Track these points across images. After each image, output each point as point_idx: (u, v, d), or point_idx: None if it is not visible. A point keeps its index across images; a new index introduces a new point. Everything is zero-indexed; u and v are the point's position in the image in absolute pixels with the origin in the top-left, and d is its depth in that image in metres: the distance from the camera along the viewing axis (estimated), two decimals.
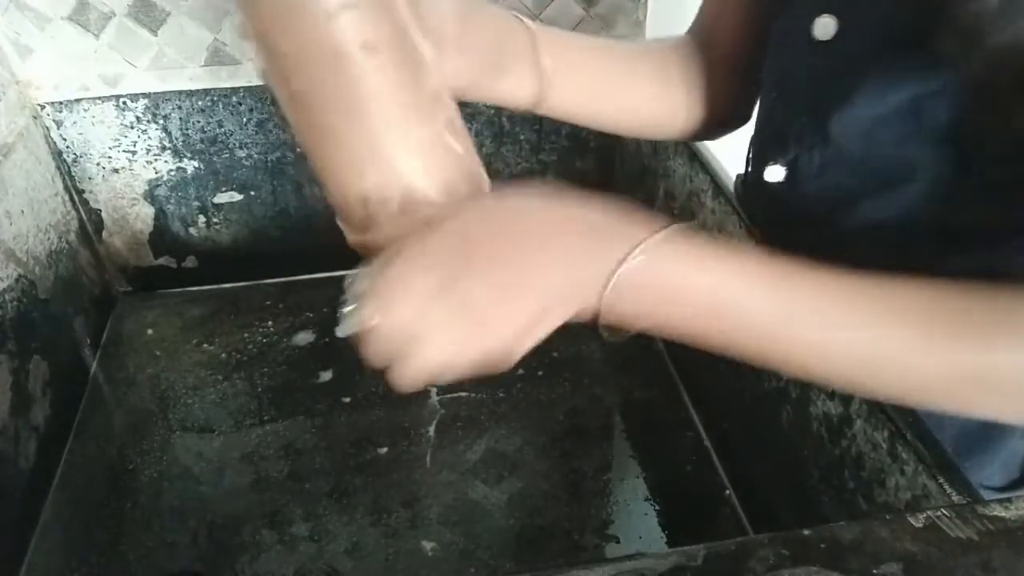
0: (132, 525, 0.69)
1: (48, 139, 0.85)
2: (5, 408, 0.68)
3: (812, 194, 0.53)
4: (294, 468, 0.74)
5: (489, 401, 0.80)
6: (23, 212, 0.77)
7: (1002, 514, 0.37)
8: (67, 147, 0.86)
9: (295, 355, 0.87)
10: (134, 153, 0.88)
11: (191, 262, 0.97)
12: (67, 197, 0.88)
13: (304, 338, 0.89)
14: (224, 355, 0.87)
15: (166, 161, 0.89)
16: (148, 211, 0.93)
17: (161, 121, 0.87)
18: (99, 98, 0.84)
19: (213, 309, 0.94)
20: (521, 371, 0.84)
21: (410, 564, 0.66)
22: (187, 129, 0.88)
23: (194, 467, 0.74)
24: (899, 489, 0.48)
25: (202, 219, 0.94)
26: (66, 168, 0.87)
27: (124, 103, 0.85)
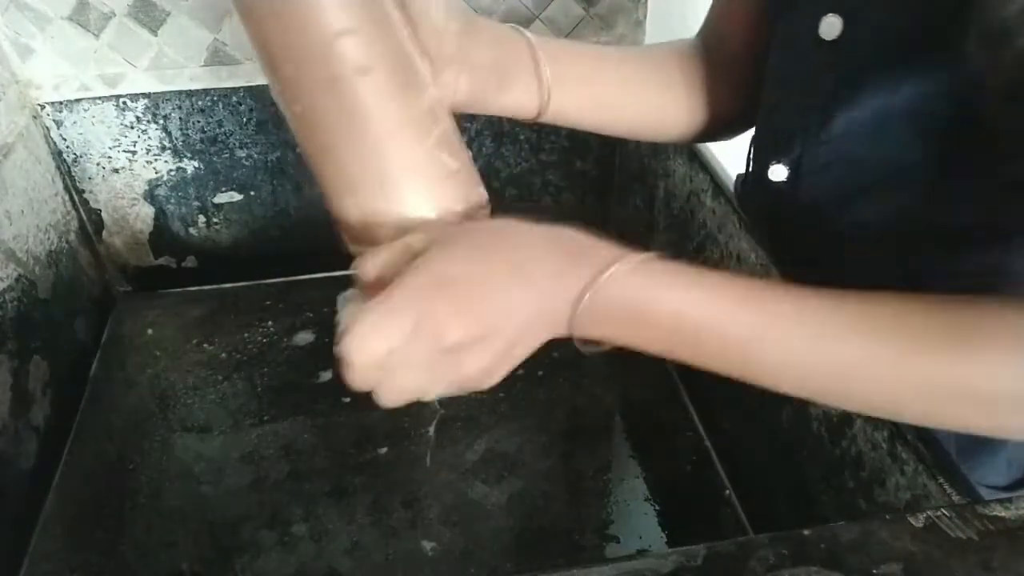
0: (132, 525, 0.69)
1: (48, 139, 0.85)
2: (5, 408, 0.68)
3: (815, 193, 0.53)
4: (294, 468, 0.74)
5: (489, 401, 0.80)
6: (23, 212, 0.77)
7: (1002, 514, 0.37)
8: (67, 147, 0.86)
9: (295, 355, 0.87)
10: (134, 153, 0.88)
11: (191, 262, 0.97)
12: (67, 197, 0.88)
13: (304, 338, 0.89)
14: (224, 355, 0.87)
15: (166, 161, 0.89)
16: (148, 211, 0.93)
17: (161, 121, 0.87)
18: (99, 98, 0.84)
19: (213, 309, 0.94)
20: (521, 371, 0.83)
21: (410, 564, 0.66)
22: (187, 129, 0.88)
23: (194, 467, 0.74)
24: (899, 489, 0.48)
25: (202, 219, 0.94)
26: (66, 168, 0.87)
27: (124, 103, 0.85)
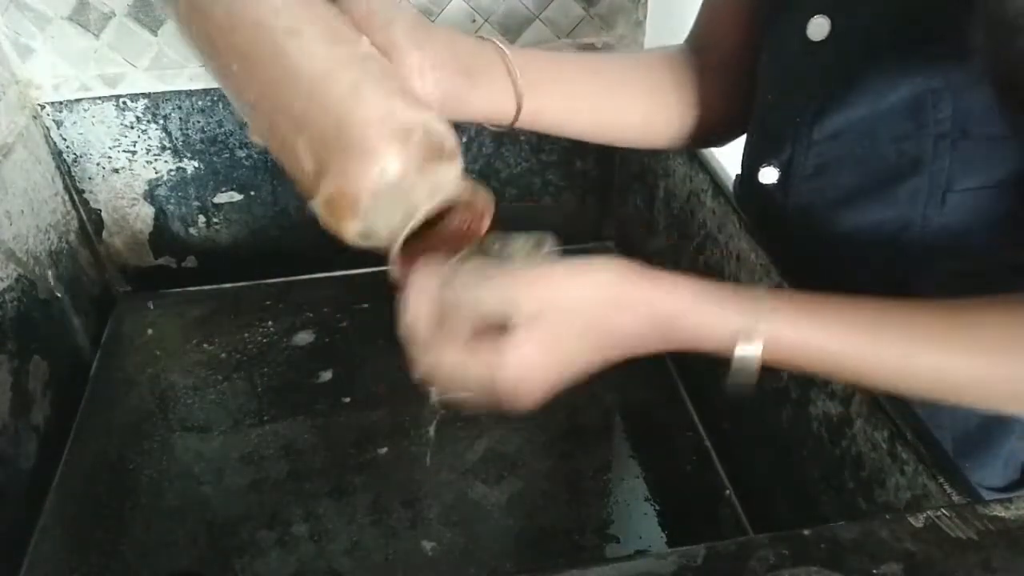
0: (132, 525, 0.69)
1: (48, 139, 0.85)
2: (5, 408, 0.68)
3: (806, 195, 0.53)
4: (294, 468, 0.74)
5: None
6: (23, 212, 0.77)
7: (1002, 514, 0.37)
8: (67, 147, 0.86)
9: (295, 355, 0.87)
10: (134, 153, 0.88)
11: (191, 262, 0.97)
12: (67, 197, 0.88)
13: (304, 338, 0.89)
14: (224, 355, 0.87)
15: (166, 161, 0.89)
16: (148, 211, 0.93)
17: (161, 121, 0.87)
18: (99, 98, 0.84)
19: (213, 309, 0.94)
20: None
21: (410, 564, 0.66)
22: (187, 129, 0.88)
23: (194, 467, 0.74)
24: (899, 489, 0.48)
25: (202, 219, 0.94)
26: (66, 168, 0.87)
27: (124, 103, 0.85)
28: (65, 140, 0.86)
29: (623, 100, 0.58)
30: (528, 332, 0.39)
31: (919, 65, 0.44)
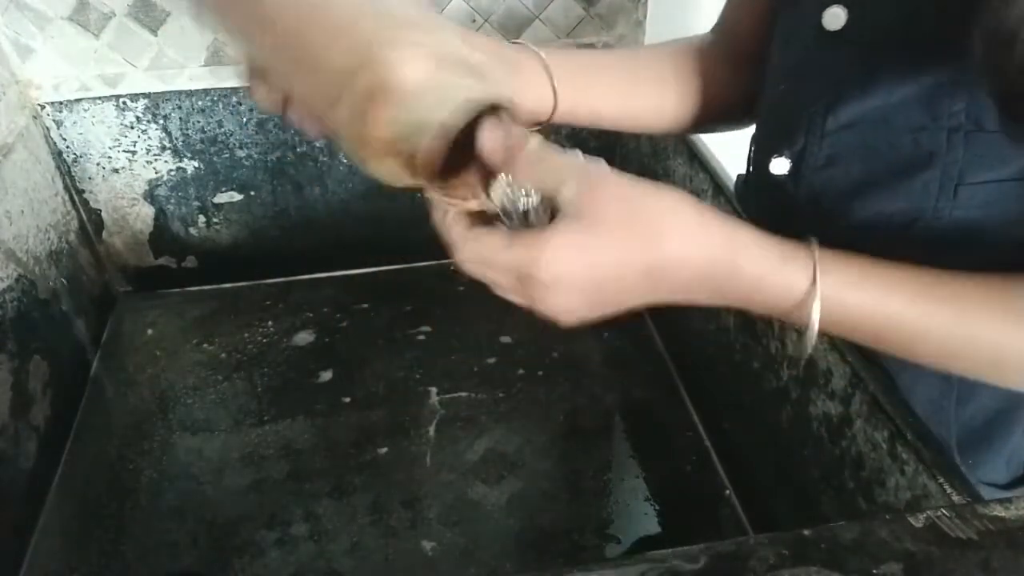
0: (132, 525, 0.69)
1: (48, 139, 0.85)
2: (5, 408, 0.68)
3: (817, 186, 0.53)
4: (294, 468, 0.74)
5: (489, 401, 0.80)
6: (23, 212, 0.77)
7: (1002, 514, 0.37)
8: (67, 147, 0.86)
9: (295, 355, 0.87)
10: (134, 153, 0.88)
11: (191, 262, 0.97)
12: (67, 197, 0.88)
13: (304, 338, 0.89)
14: (224, 355, 0.87)
15: (166, 161, 0.89)
16: (148, 211, 0.93)
17: (161, 121, 0.87)
18: (99, 98, 0.84)
19: (213, 309, 0.94)
20: (521, 371, 0.84)
21: (410, 564, 0.66)
22: (187, 129, 0.88)
23: (194, 467, 0.74)
24: (899, 489, 0.48)
25: (202, 219, 0.94)
26: (66, 168, 0.87)
27: (124, 103, 0.85)
28: (65, 140, 0.86)
29: (653, 88, 0.61)
30: (578, 223, 0.38)
31: (934, 57, 0.44)
